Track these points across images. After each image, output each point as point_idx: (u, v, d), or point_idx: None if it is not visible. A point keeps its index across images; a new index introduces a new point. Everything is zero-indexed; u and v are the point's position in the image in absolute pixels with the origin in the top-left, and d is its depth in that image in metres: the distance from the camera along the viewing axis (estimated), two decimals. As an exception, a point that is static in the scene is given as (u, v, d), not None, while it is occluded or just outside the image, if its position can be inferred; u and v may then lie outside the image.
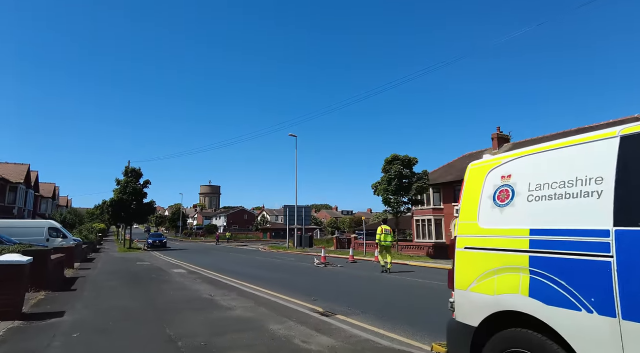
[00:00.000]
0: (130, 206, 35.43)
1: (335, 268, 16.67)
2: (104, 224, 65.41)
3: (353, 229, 80.00)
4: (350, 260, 19.52)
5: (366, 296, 9.73)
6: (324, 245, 40.67)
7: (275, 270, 16.65)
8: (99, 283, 11.65)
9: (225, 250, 35.80)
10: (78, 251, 20.09)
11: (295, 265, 18.91)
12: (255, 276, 14.13)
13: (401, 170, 21.72)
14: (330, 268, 16.79)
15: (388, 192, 22.06)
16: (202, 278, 13.43)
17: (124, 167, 37.40)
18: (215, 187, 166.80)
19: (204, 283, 12.02)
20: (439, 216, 32.81)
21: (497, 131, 32.55)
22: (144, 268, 17.40)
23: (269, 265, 19.65)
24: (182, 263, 19.95)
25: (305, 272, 15.88)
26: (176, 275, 14.36)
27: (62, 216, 35.90)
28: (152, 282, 12.08)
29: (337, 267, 17.04)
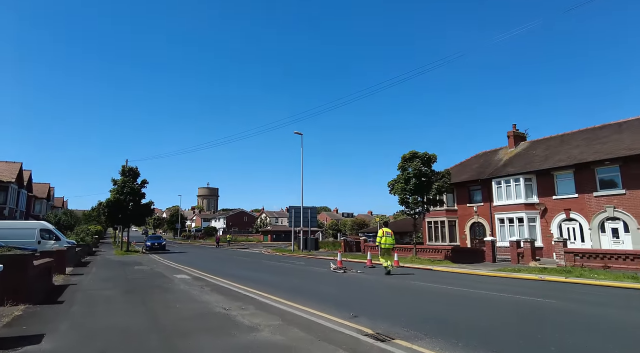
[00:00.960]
0: (127, 207, 33.74)
1: (356, 274, 15.04)
2: (100, 226, 63.65)
3: (356, 231, 78.53)
4: (369, 265, 17.91)
5: (414, 310, 8.12)
6: (329, 247, 39.03)
7: (290, 276, 15.04)
8: (91, 294, 10.00)
9: (227, 253, 34.13)
10: (71, 254, 18.44)
11: (310, 271, 17.30)
12: (269, 283, 12.52)
13: (420, 167, 20.14)
14: (350, 274, 15.17)
15: (406, 192, 20.46)
16: (210, 286, 11.80)
17: (120, 167, 35.76)
18: (213, 189, 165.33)
19: (214, 292, 10.40)
20: (453, 218, 31.29)
21: (513, 129, 31.10)
22: (144, 273, 15.75)
23: (280, 270, 18.04)
24: (185, 268, 18.31)
25: (324, 278, 14.26)
26: (180, 282, 12.72)
27: (57, 217, 34.14)
28: (153, 292, 10.44)
29: (357, 273, 15.41)
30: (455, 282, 12.83)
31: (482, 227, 29.53)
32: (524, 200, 25.16)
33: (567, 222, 23.26)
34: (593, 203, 21.87)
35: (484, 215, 28.93)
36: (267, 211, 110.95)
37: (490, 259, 20.62)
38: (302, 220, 34.12)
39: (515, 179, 25.96)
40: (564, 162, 23.21)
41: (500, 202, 26.84)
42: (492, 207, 27.66)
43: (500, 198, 26.99)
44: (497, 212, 26.98)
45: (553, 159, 24.60)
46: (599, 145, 22.46)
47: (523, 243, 19.53)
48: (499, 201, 26.97)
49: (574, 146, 24.64)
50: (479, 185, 29.03)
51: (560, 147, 25.95)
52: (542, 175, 24.81)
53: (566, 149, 24.88)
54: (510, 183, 26.25)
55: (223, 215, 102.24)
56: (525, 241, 19.35)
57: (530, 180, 25.53)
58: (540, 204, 24.60)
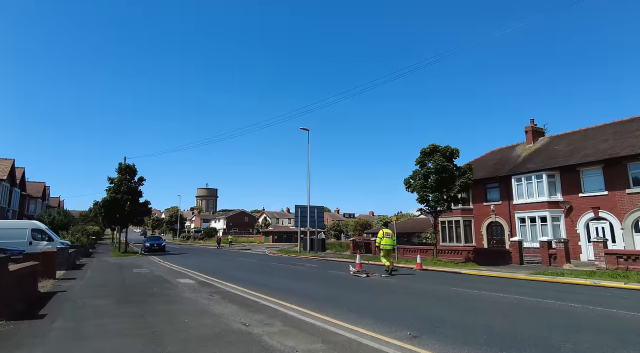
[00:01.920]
0: (124, 206, 32.17)
1: (382, 279, 13.43)
2: (98, 227, 61.92)
3: (359, 232, 76.95)
4: (392, 267, 16.33)
5: (479, 327, 6.58)
6: (336, 249, 37.43)
7: (308, 281, 13.49)
8: (82, 304, 8.43)
9: (231, 255, 32.54)
10: (63, 256, 16.87)
11: (328, 274, 15.74)
12: (287, 289, 10.99)
13: (442, 162, 18.61)
14: (375, 278, 13.58)
15: (426, 189, 18.89)
16: (220, 293, 10.25)
17: (117, 164, 34.17)
18: (212, 190, 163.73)
19: (226, 301, 8.85)
20: (468, 217, 29.77)
21: (530, 124, 29.63)
22: (143, 278, 14.18)
23: (294, 273, 16.49)
24: (188, 271, 16.75)
25: (348, 283, 12.71)
26: (185, 288, 11.16)
27: (51, 217, 32.48)
28: (155, 301, 8.88)
29: (382, 277, 13.81)
30: (498, 288, 11.29)
31: (499, 226, 28.03)
32: (547, 198, 23.66)
33: (596, 221, 21.76)
34: (625, 201, 20.38)
35: (502, 214, 27.43)
36: (268, 212, 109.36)
37: (517, 261, 19.13)
38: (308, 220, 32.59)
39: (537, 176, 24.47)
40: (592, 157, 21.72)
41: (521, 200, 25.34)
42: (512, 205, 26.16)
43: (520, 196, 25.48)
44: (518, 211, 25.48)
45: (579, 154, 23.12)
46: (631, 139, 20.99)
47: (555, 244, 18.03)
48: (520, 199, 25.47)
49: (601, 140, 23.17)
50: (497, 182, 27.54)
51: (585, 141, 24.49)
52: (566, 171, 23.32)
53: (592, 144, 23.41)
54: (532, 180, 24.75)
55: (223, 216, 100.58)
56: (558, 241, 17.84)
57: (554, 176, 24.04)
58: (565, 202, 23.11)
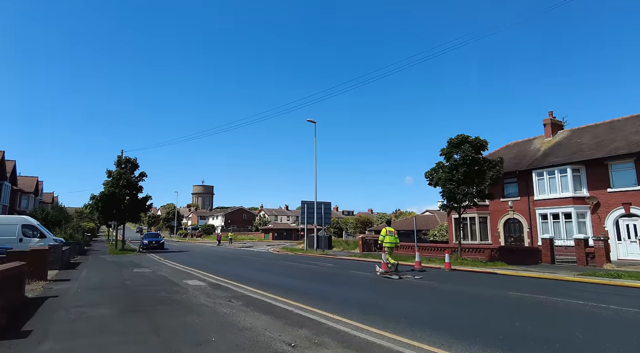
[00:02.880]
0: (123, 201, 30.51)
1: (417, 281, 11.92)
2: (93, 224, 60.22)
3: (360, 230, 75.68)
4: (418, 268, 14.96)
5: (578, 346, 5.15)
6: (343, 246, 36.01)
7: (334, 283, 12.02)
8: (77, 315, 6.91)
9: (233, 253, 31.04)
10: (56, 254, 15.32)
11: (352, 275, 14.27)
12: (318, 294, 9.56)
13: (472, 154, 17.19)
14: (409, 280, 12.10)
15: (452, 182, 17.48)
16: (239, 298, 8.78)
17: (116, 157, 32.51)
18: (208, 187, 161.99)
19: (251, 309, 7.40)
20: (484, 214, 28.46)
21: (549, 116, 28.31)
22: (146, 279, 12.68)
23: (314, 274, 15.03)
24: (194, 271, 15.25)
25: (381, 287, 11.26)
26: (197, 292, 9.68)
27: (44, 213, 30.78)
28: (166, 309, 7.40)
29: (416, 279, 12.33)
30: (556, 291, 9.90)
31: (518, 223, 26.73)
32: (572, 193, 22.35)
33: (627, 218, 20.46)
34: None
35: (520, 211, 26.13)
36: (266, 208, 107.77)
37: (548, 260, 17.80)
38: (315, 216, 31.11)
39: (561, 170, 23.15)
40: (624, 150, 20.41)
41: (542, 196, 24.03)
42: (532, 201, 24.86)
43: (542, 191, 24.17)
44: (539, 207, 24.18)
45: (607, 147, 21.80)
46: (667, 130, 19.69)
47: (594, 242, 16.69)
48: (541, 195, 24.15)
49: (632, 132, 21.86)
50: (515, 177, 26.22)
51: (612, 134, 23.17)
52: (593, 165, 22.01)
53: (622, 136, 22.09)
54: (555, 174, 23.43)
55: (221, 213, 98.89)
56: (597, 239, 16.50)
57: (579, 171, 22.72)
58: (591, 198, 21.80)
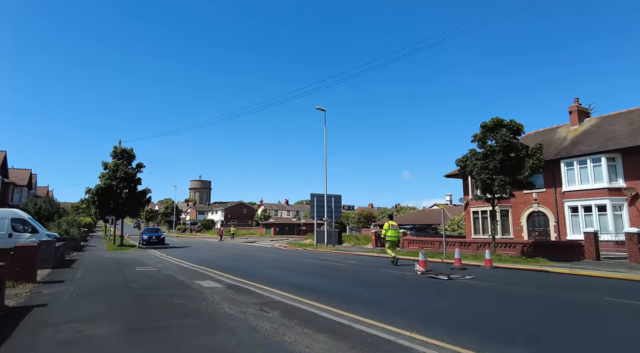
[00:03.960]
0: (121, 194, 28.70)
1: (473, 283, 10.20)
2: (90, 218, 58.31)
3: (362, 224, 74.18)
4: (458, 265, 13.32)
5: None
6: (353, 241, 34.35)
7: (372, 286, 10.34)
8: (68, 334, 5.18)
9: (240, 248, 29.36)
10: (48, 251, 13.58)
11: (387, 275, 12.60)
12: (363, 300, 7.90)
13: (510, 139, 15.53)
14: (462, 281, 10.40)
15: (487, 171, 15.80)
16: (272, 305, 7.12)
17: (112, 148, 30.62)
18: (205, 182, 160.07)
19: (296, 323, 5.73)
20: (505, 206, 26.86)
21: (575, 103, 26.67)
22: (152, 279, 10.97)
23: (339, 273, 13.37)
24: (205, 269, 13.56)
25: (434, 290, 9.61)
26: (216, 296, 7.99)
27: (37, 206, 28.95)
28: (187, 324, 5.71)
29: (467, 279, 10.64)
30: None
31: (543, 217, 25.19)
32: (607, 184, 20.76)
33: (670, 210, 18.93)
34: None
35: (546, 203, 24.57)
36: (266, 203, 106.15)
37: (593, 256, 16.22)
38: (325, 210, 29.46)
39: (594, 159, 21.54)
40: (668, 136, 18.81)
41: (573, 187, 22.43)
42: (561, 193, 23.29)
43: (571, 182, 22.57)
44: (568, 199, 22.60)
45: (647, 134, 20.19)
46: None
47: (650, 237, 15.10)
48: (571, 186, 22.56)
49: (673, 118, 20.26)
50: (540, 167, 24.60)
51: (649, 120, 21.57)
52: (629, 153, 20.41)
53: (662, 122, 20.49)
54: (587, 164, 21.83)
55: (221, 208, 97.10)
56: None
57: (614, 159, 21.13)
58: (629, 189, 20.23)
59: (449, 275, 10.76)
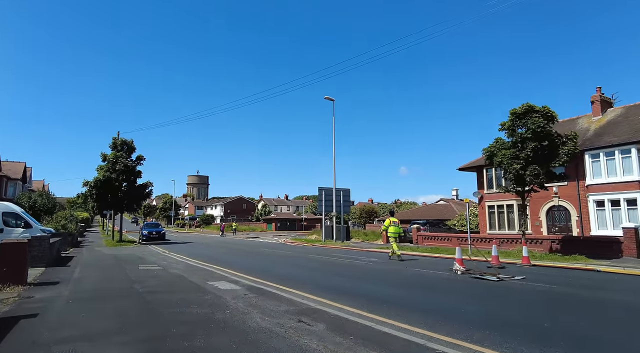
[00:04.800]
0: (120, 188, 27.36)
1: (529, 285, 8.87)
2: (87, 213, 56.90)
3: (364, 220, 73.08)
4: (496, 264, 12.11)
5: None
6: (361, 237, 33.13)
7: (414, 288, 9.11)
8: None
9: (246, 244, 28.12)
10: (42, 248, 12.29)
11: (417, 275, 11.39)
12: (414, 307, 6.66)
13: (545, 125, 14.27)
14: (513, 283, 9.17)
15: (518, 160, 14.56)
16: (312, 315, 5.88)
17: (111, 139, 29.20)
18: (203, 177, 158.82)
19: (355, 342, 4.49)
20: (523, 201, 25.66)
21: (597, 93, 25.47)
22: (159, 280, 9.70)
23: (366, 273, 12.14)
24: (215, 268, 12.30)
25: (487, 293, 8.39)
26: (240, 302, 6.74)
27: (32, 200, 27.55)
28: (214, 343, 4.45)
29: (516, 280, 9.37)
30: None
31: (564, 211, 24.04)
32: (638, 177, 19.61)
33: None
34: None
35: (567, 197, 23.41)
36: (266, 198, 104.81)
37: (634, 253, 15.08)
38: (334, 205, 28.21)
39: (622, 151, 20.37)
40: None
41: (598, 180, 21.28)
42: (584, 186, 22.14)
43: (597, 175, 21.41)
44: (593, 193, 21.46)
45: (681, 123, 19.01)
46: None
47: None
48: (596, 179, 21.41)
49: None
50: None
51: (681, 109, 20.39)
52: (661, 144, 19.27)
53: (697, 111, 19.30)
54: (615, 156, 20.66)
55: (220, 203, 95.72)
56: None
57: (644, 151, 19.96)
58: (661, 182, 19.07)
59: (497, 275, 9.50)
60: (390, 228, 14.71)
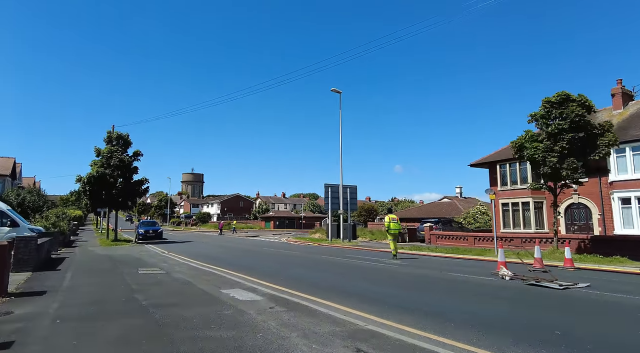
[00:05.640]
0: (115, 184, 25.86)
1: (603, 295, 7.64)
2: (80, 211, 55.12)
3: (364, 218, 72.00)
4: (539, 267, 10.89)
5: None
6: (367, 236, 31.89)
7: (480, 302, 7.85)
8: None
9: (248, 244, 26.76)
10: (27, 250, 10.87)
11: (457, 281, 10.17)
12: (483, 322, 5.38)
13: (583, 115, 13.07)
14: (585, 292, 7.86)
15: (553, 153, 13.35)
16: (367, 339, 4.60)
17: (106, 133, 27.66)
18: (198, 175, 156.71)
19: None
20: (539, 198, 24.64)
21: (617, 85, 24.39)
22: (164, 288, 8.35)
23: (397, 279, 10.87)
24: (224, 271, 10.96)
25: (571, 308, 7.14)
26: (270, 320, 5.43)
27: (21, 197, 25.95)
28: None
29: (584, 289, 8.01)
30: None
31: (585, 209, 22.99)
32: (667, 173, 18.54)
33: None
34: None
35: (588, 194, 22.34)
36: (262, 196, 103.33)
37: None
38: (340, 202, 26.92)
39: (651, 145, 19.29)
40: None
41: (624, 176, 20.19)
42: (609, 183, 21.06)
43: (622, 171, 20.32)
44: (618, 190, 20.37)
45: None
46: None
47: None
48: (621, 175, 20.31)
49: None
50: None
51: None
52: (693, 138, 18.19)
53: None
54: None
55: (217, 200, 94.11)
56: None
57: (674, 145, 18.90)
58: (693, 178, 17.98)
59: (558, 282, 8.22)
60: (392, 225, 14.86)
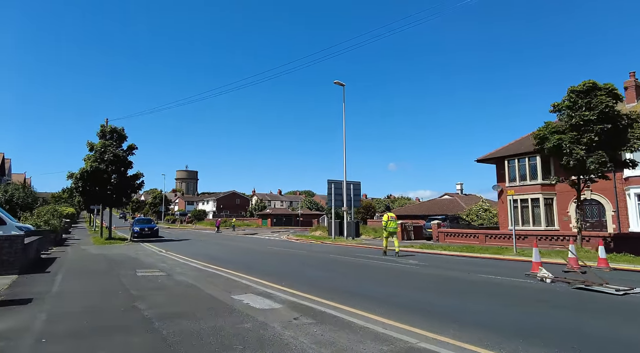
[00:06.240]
0: (109, 180, 24.71)
1: None
2: (73, 208, 53.73)
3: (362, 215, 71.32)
4: (576, 268, 10.07)
5: None
6: (370, 233, 31.03)
7: (511, 304, 6.97)
8: None
9: (248, 242, 25.80)
10: (13, 250, 9.87)
11: (491, 284, 9.28)
12: (552, 337, 4.46)
13: (612, 105, 12.25)
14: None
15: (581, 146, 12.53)
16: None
17: (99, 127, 26.49)
18: (192, 172, 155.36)
19: None
20: (550, 194, 23.93)
21: (631, 78, 23.71)
22: (165, 293, 7.40)
23: (423, 281, 9.97)
24: (230, 273, 10.01)
25: (625, 313, 6.30)
26: (301, 336, 4.51)
27: (8, 194, 24.72)
28: None
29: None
30: None
31: (597, 206, 22.32)
32: (688, 168, 17.80)
33: None
34: None
35: (601, 190, 21.64)
36: (259, 193, 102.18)
37: None
38: (344, 198, 26.03)
39: (669, 139, 18.53)
40: None
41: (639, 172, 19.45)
42: (623, 179, 20.37)
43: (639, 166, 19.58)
44: (634, 186, 19.70)
45: None
46: None
47: None
48: (637, 170, 19.54)
49: None
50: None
51: None
52: None
53: None
54: (660, 145, 18.82)
55: (212, 197, 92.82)
56: None
57: (694, 139, 18.14)
58: None
59: (614, 287, 7.37)
60: (390, 223, 14.80)
